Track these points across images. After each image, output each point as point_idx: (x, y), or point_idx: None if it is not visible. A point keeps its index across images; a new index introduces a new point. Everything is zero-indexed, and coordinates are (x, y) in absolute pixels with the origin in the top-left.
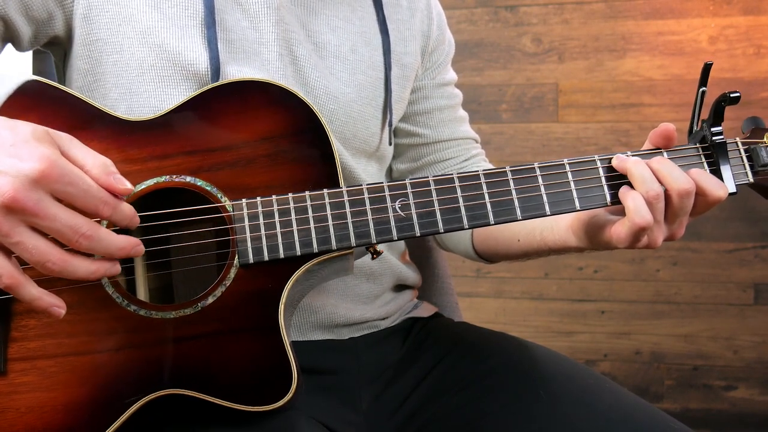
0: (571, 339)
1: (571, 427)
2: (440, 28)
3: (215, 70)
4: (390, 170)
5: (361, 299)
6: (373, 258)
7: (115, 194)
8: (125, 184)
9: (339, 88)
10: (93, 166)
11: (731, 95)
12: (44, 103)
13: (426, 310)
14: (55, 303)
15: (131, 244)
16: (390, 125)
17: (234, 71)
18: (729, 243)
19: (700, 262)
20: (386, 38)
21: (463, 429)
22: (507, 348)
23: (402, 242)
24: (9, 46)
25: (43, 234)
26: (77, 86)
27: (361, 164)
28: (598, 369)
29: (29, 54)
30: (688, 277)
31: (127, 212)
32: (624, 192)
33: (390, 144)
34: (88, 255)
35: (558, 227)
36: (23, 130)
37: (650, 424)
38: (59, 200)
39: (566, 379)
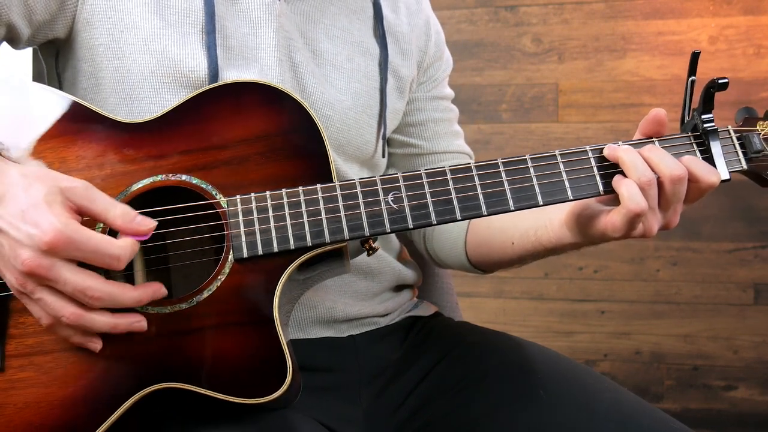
0: (571, 339)
1: (571, 426)
2: (437, 46)
3: (213, 75)
4: None
5: (359, 296)
6: (369, 254)
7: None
8: (149, 224)
9: (335, 96)
10: (115, 217)
11: (719, 81)
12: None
13: (426, 310)
14: (134, 320)
15: (148, 294)
16: (384, 137)
17: (232, 77)
18: (729, 243)
19: (700, 262)
20: (384, 51)
21: (463, 428)
22: (507, 348)
23: (397, 242)
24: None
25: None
26: (80, 88)
27: (354, 170)
28: (598, 369)
29: (29, 55)
30: (688, 277)
31: (135, 249)
32: (617, 180)
33: (384, 156)
34: None
35: (552, 225)
36: (36, 192)
37: (650, 424)
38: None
39: (566, 379)
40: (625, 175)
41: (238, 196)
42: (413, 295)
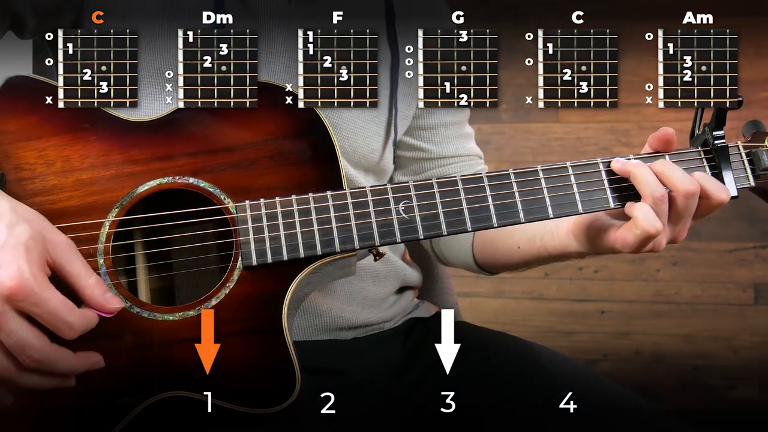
0: (571, 339)
1: (571, 426)
2: None
3: None
4: (391, 181)
5: (367, 302)
6: (375, 260)
7: (103, 311)
8: (116, 304)
9: None
10: (86, 286)
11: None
12: (45, 101)
13: (427, 311)
14: (94, 360)
15: (85, 365)
16: (394, 144)
17: None
18: (729, 243)
19: (700, 262)
20: (395, 53)
21: (463, 429)
22: (507, 348)
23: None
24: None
25: None
26: None
27: (359, 175)
28: (598, 369)
29: (29, 46)
30: (688, 277)
31: (92, 323)
32: (630, 206)
33: (393, 163)
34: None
35: (559, 232)
36: (20, 232)
37: (651, 424)
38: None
39: (567, 379)
40: (635, 190)
41: (247, 202)
42: (414, 296)
